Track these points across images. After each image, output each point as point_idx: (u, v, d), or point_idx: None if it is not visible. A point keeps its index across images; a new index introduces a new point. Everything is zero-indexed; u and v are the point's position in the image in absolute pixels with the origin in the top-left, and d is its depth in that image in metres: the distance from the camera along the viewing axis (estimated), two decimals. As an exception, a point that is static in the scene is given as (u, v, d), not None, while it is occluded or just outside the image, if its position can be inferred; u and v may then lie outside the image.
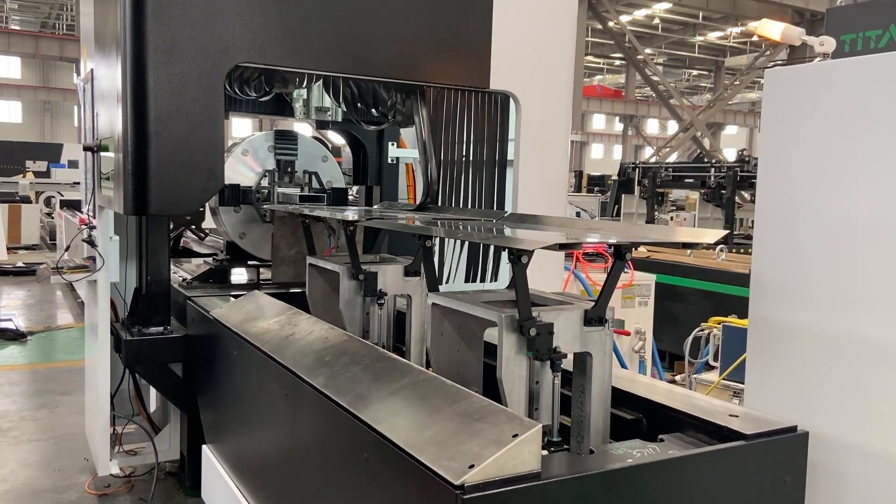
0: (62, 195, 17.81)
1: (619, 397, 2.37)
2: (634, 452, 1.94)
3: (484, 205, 3.77)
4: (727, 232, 2.13)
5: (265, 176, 4.32)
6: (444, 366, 2.45)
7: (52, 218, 16.69)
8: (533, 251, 2.05)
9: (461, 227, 2.89)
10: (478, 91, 3.64)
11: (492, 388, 2.15)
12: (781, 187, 2.61)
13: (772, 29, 2.73)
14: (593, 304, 2.23)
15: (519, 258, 2.07)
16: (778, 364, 2.59)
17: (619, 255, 2.25)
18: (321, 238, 3.75)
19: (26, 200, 18.36)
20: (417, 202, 3.71)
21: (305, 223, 3.53)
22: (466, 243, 3.75)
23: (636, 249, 2.31)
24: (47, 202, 19.35)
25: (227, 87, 3.57)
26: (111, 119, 3.27)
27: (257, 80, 3.60)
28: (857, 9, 6.63)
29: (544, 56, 3.74)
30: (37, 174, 23.82)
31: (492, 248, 3.74)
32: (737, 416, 2.14)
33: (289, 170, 4.32)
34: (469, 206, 3.75)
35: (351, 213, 3.30)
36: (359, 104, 3.78)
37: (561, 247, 2.00)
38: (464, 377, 2.46)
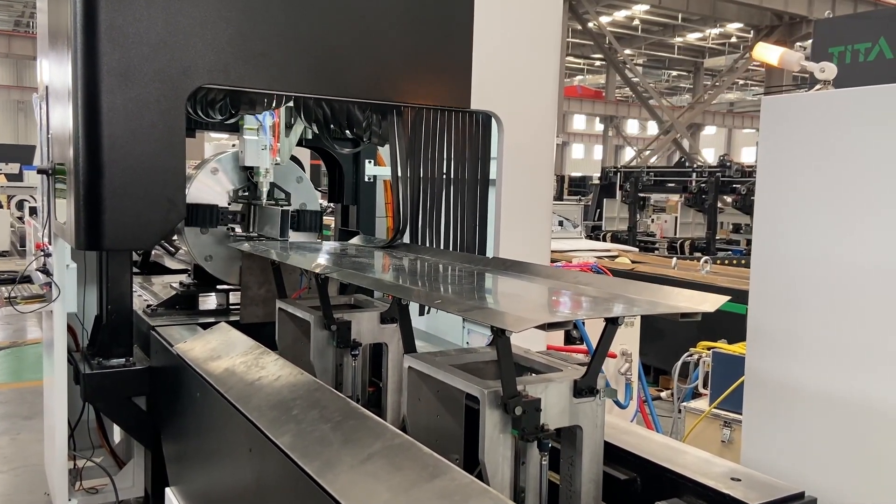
0: (34, 199, 17.29)
1: (612, 452, 2.20)
2: (630, 530, 1.77)
3: (466, 229, 3.58)
4: (727, 299, 1.98)
5: (235, 195, 4.10)
6: (422, 432, 2.24)
7: (24, 223, 16.20)
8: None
9: (440, 279, 2.71)
10: (458, 111, 3.46)
11: (474, 451, 1.96)
12: (778, 231, 2.44)
13: (769, 54, 2.57)
14: (584, 371, 2.06)
15: (502, 332, 1.88)
16: (777, 421, 2.43)
17: (612, 320, 2.07)
18: (292, 275, 3.53)
19: (-4, 205, 17.84)
20: (394, 233, 3.51)
21: (275, 264, 3.32)
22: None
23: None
24: (19, 206, 18.83)
25: (190, 110, 3.35)
26: (62, 144, 3.05)
27: (222, 102, 3.38)
28: (846, 21, 6.52)
29: (528, 75, 3.56)
30: (8, 177, 23.23)
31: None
32: (739, 480, 1.97)
33: (261, 190, 4.09)
34: (450, 226, 3.55)
35: (323, 260, 3.08)
36: (332, 125, 3.58)
37: (550, 326, 1.82)
38: (443, 445, 2.25)
